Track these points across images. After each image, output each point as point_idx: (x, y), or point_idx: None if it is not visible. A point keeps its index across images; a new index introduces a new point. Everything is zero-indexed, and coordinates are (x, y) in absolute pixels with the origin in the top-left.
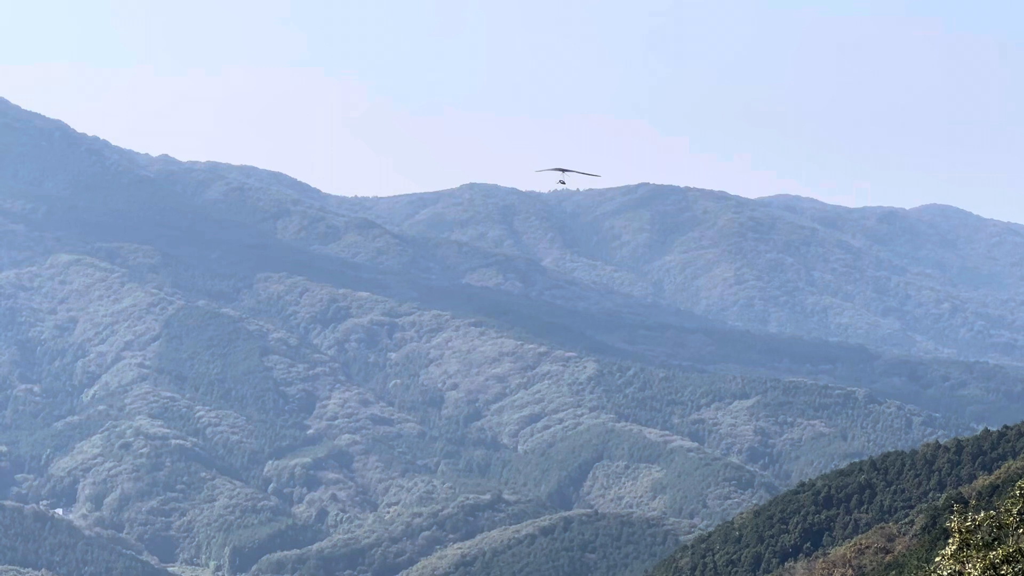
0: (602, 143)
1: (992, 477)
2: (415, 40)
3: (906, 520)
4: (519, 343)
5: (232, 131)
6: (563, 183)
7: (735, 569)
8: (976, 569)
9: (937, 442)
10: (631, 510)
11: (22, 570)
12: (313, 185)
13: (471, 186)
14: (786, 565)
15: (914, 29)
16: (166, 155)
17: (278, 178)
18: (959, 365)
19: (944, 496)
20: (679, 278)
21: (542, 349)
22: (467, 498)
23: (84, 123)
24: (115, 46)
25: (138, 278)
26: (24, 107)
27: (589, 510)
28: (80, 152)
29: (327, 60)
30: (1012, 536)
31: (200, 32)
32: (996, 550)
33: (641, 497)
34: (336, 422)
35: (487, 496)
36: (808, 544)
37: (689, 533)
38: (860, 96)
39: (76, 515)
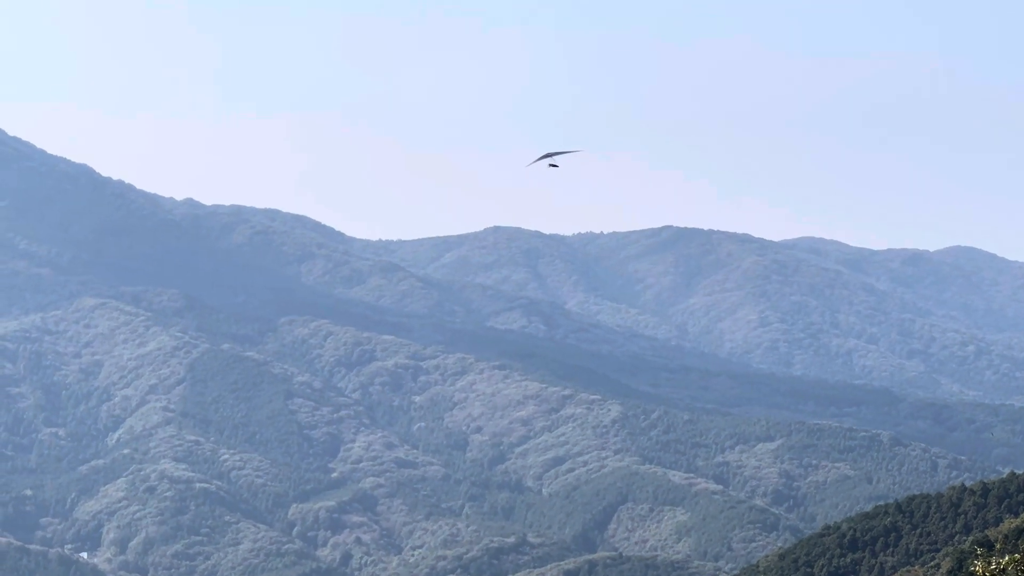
0: (626, 185)
1: (1019, 520)
2: (440, 84)
3: (932, 563)
4: (543, 386)
5: (256, 174)
6: (555, 165)
7: None
8: None
9: (963, 485)
10: (656, 553)
11: None
12: (337, 228)
13: (495, 229)
14: None
15: (935, 72)
16: (191, 199)
17: (302, 221)
18: (985, 408)
19: (970, 539)
20: (703, 321)
21: (566, 392)
22: (492, 541)
23: (109, 167)
24: (140, 90)
25: (163, 322)
26: (49, 151)
27: (613, 553)
28: (105, 196)
29: (349, 103)
30: None
31: (223, 77)
32: None
33: (666, 540)
34: (360, 465)
35: (511, 539)
36: None
37: None
38: (884, 138)
39: (101, 559)
